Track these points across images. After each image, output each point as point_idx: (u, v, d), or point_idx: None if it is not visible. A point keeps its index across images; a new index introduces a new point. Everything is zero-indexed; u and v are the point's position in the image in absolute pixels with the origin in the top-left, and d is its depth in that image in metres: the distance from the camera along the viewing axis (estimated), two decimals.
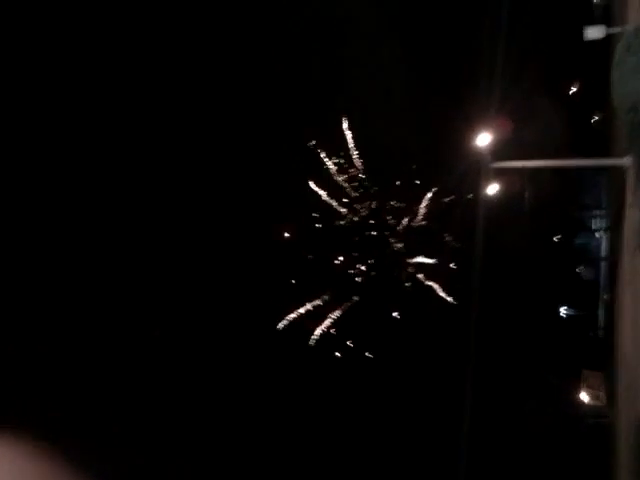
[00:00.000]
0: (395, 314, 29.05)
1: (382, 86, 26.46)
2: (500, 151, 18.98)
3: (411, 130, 26.36)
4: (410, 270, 29.17)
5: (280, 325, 28.13)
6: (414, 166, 28.13)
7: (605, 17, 22.97)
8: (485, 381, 27.04)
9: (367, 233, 29.29)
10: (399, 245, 29.27)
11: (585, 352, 27.38)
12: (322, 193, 28.77)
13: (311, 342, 28.31)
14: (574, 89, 30.09)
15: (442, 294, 28.90)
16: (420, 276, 29.10)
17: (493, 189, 21.67)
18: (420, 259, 29.20)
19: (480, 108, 25.66)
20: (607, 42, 18.19)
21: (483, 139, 18.35)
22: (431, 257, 29.12)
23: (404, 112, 25.90)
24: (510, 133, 24.25)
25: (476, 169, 22.03)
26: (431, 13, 28.16)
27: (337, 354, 28.33)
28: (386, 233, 29.26)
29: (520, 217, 25.46)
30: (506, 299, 29.29)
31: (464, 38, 27.83)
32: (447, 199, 28.97)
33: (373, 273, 29.32)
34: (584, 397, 23.75)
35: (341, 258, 29.22)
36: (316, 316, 28.76)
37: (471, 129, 19.88)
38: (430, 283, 29.03)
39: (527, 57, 27.19)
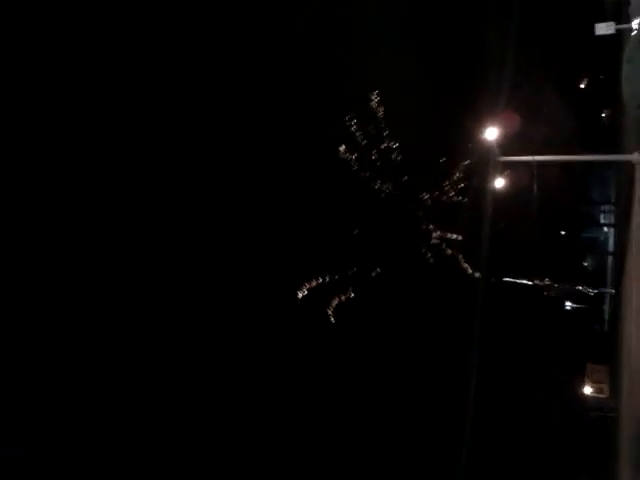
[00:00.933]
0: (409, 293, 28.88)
1: (396, 77, 26.50)
2: (509, 145, 19.06)
3: (422, 120, 26.40)
4: (434, 242, 28.99)
5: (300, 294, 27.89)
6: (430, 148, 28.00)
7: (616, 13, 22.96)
8: (490, 375, 27.24)
9: (394, 205, 29.09)
10: (424, 219, 29.10)
11: (590, 346, 27.55)
12: (352, 163, 28.48)
13: (329, 313, 28.14)
14: (584, 84, 30.12)
15: (464, 266, 28.73)
16: (443, 248, 28.90)
17: (501, 182, 21.80)
18: (443, 233, 29.02)
19: (489, 102, 25.76)
20: (617, 38, 18.25)
21: (492, 133, 18.39)
22: (453, 232, 28.96)
23: (415, 102, 25.95)
24: (519, 127, 24.33)
25: (485, 162, 22.16)
26: (442, 9, 28.22)
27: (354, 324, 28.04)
28: (412, 207, 29.08)
29: (528, 211, 25.54)
30: (512, 294, 29.47)
31: (475, 33, 27.90)
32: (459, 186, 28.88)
33: (396, 245, 29.14)
34: (588, 390, 24.01)
35: (366, 229, 29.01)
36: (338, 288, 28.57)
37: (480, 123, 19.97)
38: (452, 255, 28.82)
39: (537, 52, 27.24)
